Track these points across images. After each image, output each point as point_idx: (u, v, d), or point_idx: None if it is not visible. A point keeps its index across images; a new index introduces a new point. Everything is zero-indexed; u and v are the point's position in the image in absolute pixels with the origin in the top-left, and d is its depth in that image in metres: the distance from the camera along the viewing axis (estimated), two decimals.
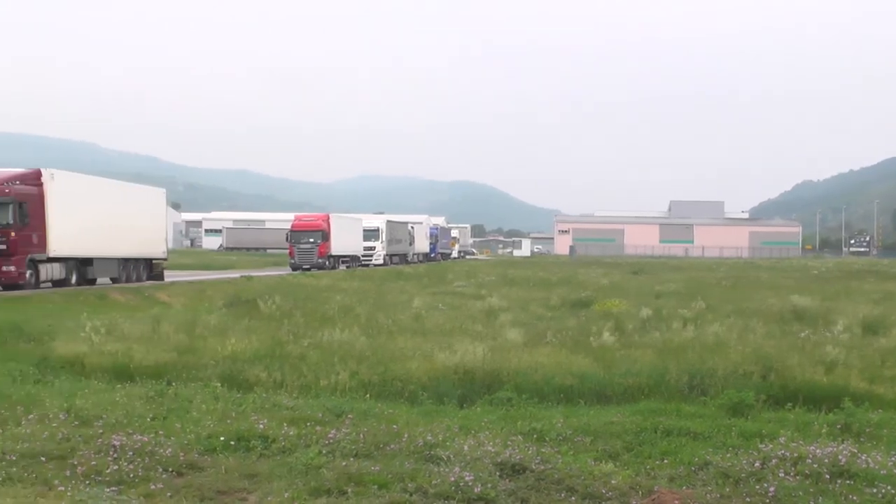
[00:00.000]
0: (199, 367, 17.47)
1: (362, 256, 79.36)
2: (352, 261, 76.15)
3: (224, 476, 9.80)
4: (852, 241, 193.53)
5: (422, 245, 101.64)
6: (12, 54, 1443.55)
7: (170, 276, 46.20)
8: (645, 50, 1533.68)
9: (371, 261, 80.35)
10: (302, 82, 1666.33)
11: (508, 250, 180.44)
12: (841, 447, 10.88)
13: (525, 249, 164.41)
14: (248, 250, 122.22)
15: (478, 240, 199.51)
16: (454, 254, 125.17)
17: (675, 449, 11.37)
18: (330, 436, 11.28)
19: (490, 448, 10.73)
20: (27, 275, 34.55)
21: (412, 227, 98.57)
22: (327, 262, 69.07)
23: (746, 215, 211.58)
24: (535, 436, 11.94)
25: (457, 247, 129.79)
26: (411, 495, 9.15)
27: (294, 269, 66.23)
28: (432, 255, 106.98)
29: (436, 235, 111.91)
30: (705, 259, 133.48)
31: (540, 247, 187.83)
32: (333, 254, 71.15)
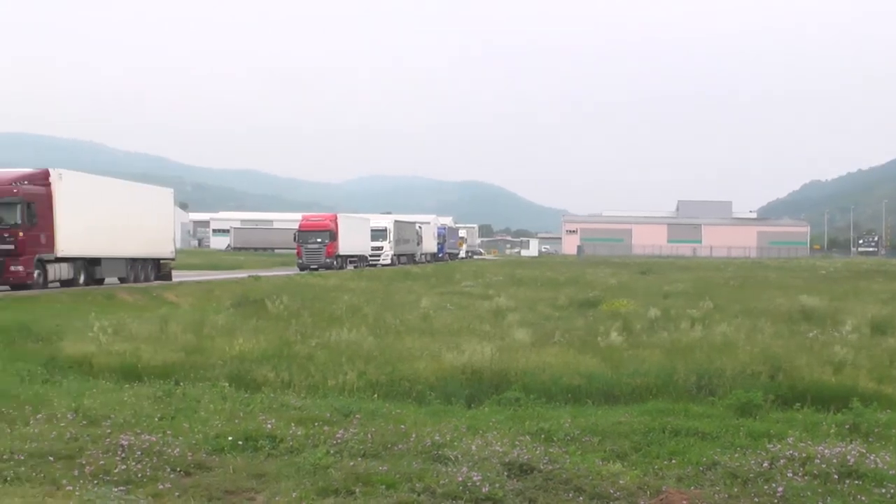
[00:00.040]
0: (207, 367, 17.45)
1: (370, 256, 79.30)
2: (359, 261, 76.10)
3: (232, 476, 9.80)
4: (861, 241, 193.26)
5: (429, 245, 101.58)
6: (21, 54, 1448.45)
7: (177, 276, 46.21)
8: (649, 50, 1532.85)
9: (379, 261, 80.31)
10: (308, 83, 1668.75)
11: (516, 250, 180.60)
12: (849, 447, 10.86)
13: (533, 249, 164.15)
14: (256, 250, 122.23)
15: (485, 240, 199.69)
16: (462, 254, 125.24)
17: (684, 449, 11.36)
18: (338, 436, 11.28)
19: (498, 448, 10.72)
20: (35, 275, 34.54)
21: (420, 227, 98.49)
22: (335, 262, 68.97)
23: (754, 215, 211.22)
24: (543, 436, 11.94)
25: (464, 247, 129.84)
26: (419, 495, 9.14)
27: (302, 269, 66.18)
28: (440, 255, 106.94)
29: (443, 235, 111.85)
30: (713, 259, 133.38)
31: (548, 247, 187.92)
32: (341, 254, 71.08)
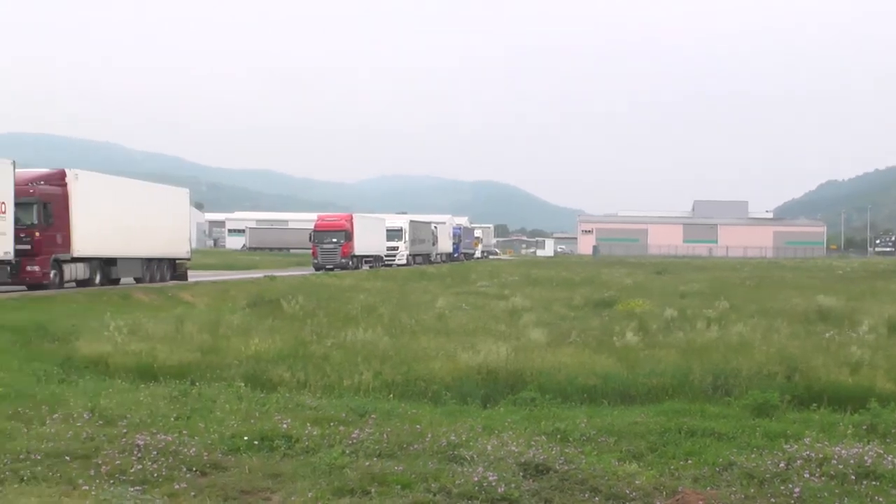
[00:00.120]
0: (223, 367, 17.50)
1: (385, 256, 79.27)
2: (375, 261, 76.07)
3: (248, 476, 9.81)
4: (877, 241, 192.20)
5: (445, 245, 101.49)
6: (39, 54, 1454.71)
7: (193, 276, 46.28)
8: (665, 49, 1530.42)
9: (394, 261, 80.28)
10: (324, 83, 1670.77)
11: (532, 250, 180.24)
12: (867, 448, 10.82)
13: (548, 249, 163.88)
14: (272, 250, 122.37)
15: (501, 240, 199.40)
16: (477, 254, 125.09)
17: (700, 449, 11.32)
18: (353, 436, 11.28)
19: (513, 448, 10.71)
20: (51, 275, 34.66)
21: (435, 227, 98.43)
22: (350, 262, 69.00)
23: (770, 215, 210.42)
24: (559, 436, 11.91)
25: (480, 247, 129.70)
26: (435, 495, 9.13)
27: (317, 269, 66.22)
28: (455, 255, 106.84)
29: (459, 235, 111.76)
30: (729, 259, 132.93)
31: (563, 247, 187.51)
32: (356, 254, 71.09)
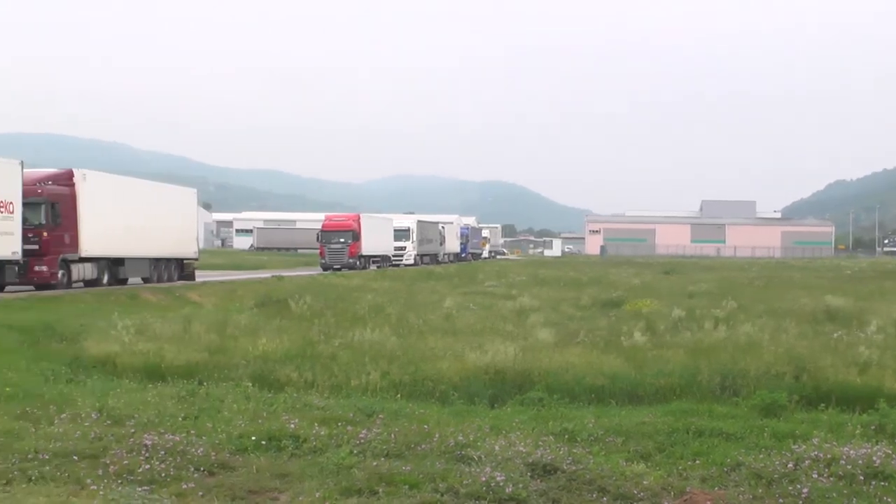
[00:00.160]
0: (231, 367, 17.48)
1: (393, 256, 79.29)
2: (382, 261, 76.11)
3: (255, 476, 9.80)
4: (886, 241, 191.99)
5: (452, 245, 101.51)
6: (46, 54, 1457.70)
7: (201, 276, 46.32)
8: (674, 48, 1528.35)
9: (402, 261, 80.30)
10: (331, 83, 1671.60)
11: (539, 250, 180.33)
12: (875, 448, 10.79)
13: (556, 249, 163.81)
14: (279, 250, 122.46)
15: (508, 240, 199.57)
16: (485, 254, 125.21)
17: (707, 450, 11.30)
18: (361, 436, 11.27)
19: (521, 448, 10.69)
20: (59, 275, 34.69)
21: (443, 227, 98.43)
22: (358, 262, 68.97)
23: (779, 215, 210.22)
24: (567, 436, 11.90)
25: (487, 247, 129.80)
26: (442, 495, 9.12)
27: (325, 269, 66.22)
28: (463, 255, 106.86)
29: (466, 235, 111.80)
30: (737, 259, 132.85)
31: (571, 247, 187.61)
32: (364, 254, 71.09)
